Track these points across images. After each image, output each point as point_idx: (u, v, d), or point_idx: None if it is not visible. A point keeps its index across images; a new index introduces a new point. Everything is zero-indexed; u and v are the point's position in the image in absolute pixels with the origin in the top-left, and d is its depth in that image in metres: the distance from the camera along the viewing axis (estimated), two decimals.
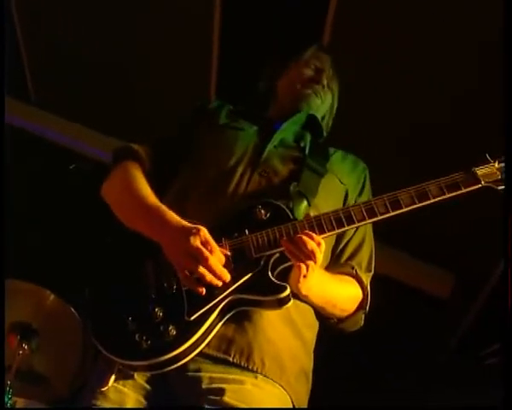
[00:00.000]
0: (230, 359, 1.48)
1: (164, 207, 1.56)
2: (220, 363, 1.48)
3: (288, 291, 1.43)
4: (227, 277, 1.42)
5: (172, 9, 3.40)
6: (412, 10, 2.84)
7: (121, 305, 1.48)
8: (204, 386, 1.44)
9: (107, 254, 1.64)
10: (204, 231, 1.43)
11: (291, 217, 1.54)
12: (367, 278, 1.77)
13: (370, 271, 1.82)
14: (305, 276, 1.44)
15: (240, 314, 1.50)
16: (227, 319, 1.47)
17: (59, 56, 4.00)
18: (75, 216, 3.76)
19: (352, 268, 1.76)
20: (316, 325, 1.73)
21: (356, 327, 1.78)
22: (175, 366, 1.40)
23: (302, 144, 1.86)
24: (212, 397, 1.42)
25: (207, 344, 1.44)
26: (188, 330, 1.40)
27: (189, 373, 1.46)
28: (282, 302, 1.44)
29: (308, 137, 1.89)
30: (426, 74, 3.03)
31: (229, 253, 1.46)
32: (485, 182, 1.55)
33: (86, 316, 1.56)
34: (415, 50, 2.97)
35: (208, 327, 1.42)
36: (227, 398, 1.41)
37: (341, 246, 1.77)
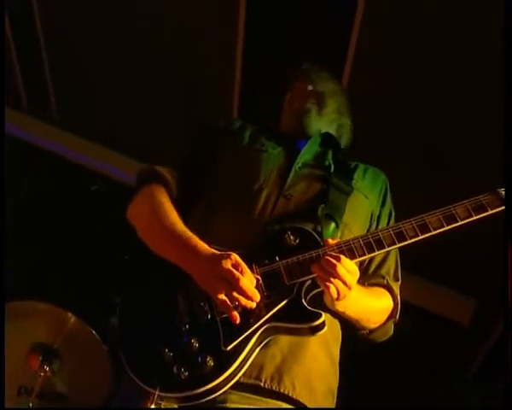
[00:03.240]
0: (262, 384, 1.49)
1: (195, 237, 1.56)
2: (250, 390, 1.49)
3: (322, 319, 1.44)
4: (258, 298, 1.42)
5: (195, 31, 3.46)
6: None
7: (155, 336, 1.47)
8: None
9: (133, 283, 1.63)
10: (234, 255, 1.44)
11: (320, 242, 1.54)
12: (397, 288, 1.78)
13: (398, 279, 1.82)
14: (337, 299, 1.45)
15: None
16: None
17: (82, 77, 4.06)
18: (99, 238, 3.77)
19: (383, 278, 1.76)
20: (340, 337, 1.74)
21: (386, 337, 1.80)
22: (212, 396, 1.40)
23: (326, 163, 1.87)
24: None
25: None
26: (225, 360, 1.40)
27: (216, 405, 1.46)
28: (316, 330, 1.45)
29: (330, 155, 1.90)
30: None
31: (260, 279, 1.47)
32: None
33: (116, 346, 1.54)
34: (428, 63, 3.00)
35: (245, 356, 1.42)
36: None
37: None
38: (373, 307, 1.68)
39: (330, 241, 1.52)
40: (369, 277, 1.74)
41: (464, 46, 2.82)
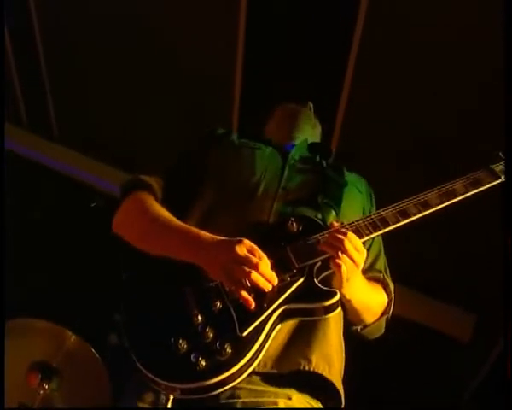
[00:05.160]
0: (276, 371, 1.48)
1: (194, 228, 1.55)
2: (263, 380, 1.47)
3: (337, 297, 1.43)
4: (275, 280, 1.41)
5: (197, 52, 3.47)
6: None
7: (168, 333, 1.40)
8: None
9: (137, 288, 1.57)
10: (247, 241, 1.43)
11: (324, 227, 1.56)
12: (392, 284, 1.80)
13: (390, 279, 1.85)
14: (348, 279, 1.45)
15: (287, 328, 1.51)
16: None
17: (83, 94, 4.07)
18: (97, 254, 3.75)
19: (380, 272, 1.79)
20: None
21: (379, 333, 1.81)
22: (230, 386, 1.36)
23: (318, 160, 1.93)
24: None
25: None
26: (243, 346, 1.37)
27: (222, 401, 1.44)
28: (330, 309, 1.44)
29: (319, 157, 1.96)
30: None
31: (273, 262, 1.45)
32: (505, 177, 1.66)
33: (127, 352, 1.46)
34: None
35: (262, 342, 1.39)
36: None
37: None
38: (373, 299, 1.70)
39: (335, 223, 1.54)
40: (365, 272, 1.72)
41: (466, 46, 2.86)
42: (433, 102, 3.07)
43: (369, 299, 1.68)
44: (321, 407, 1.54)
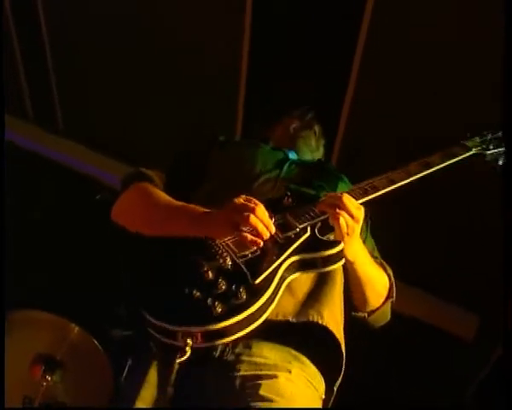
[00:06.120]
0: (289, 319, 1.54)
1: (197, 206, 1.61)
2: (274, 334, 1.53)
3: (340, 247, 1.51)
4: (273, 228, 1.47)
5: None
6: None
7: (181, 286, 1.41)
8: (238, 384, 1.49)
9: (146, 256, 1.58)
10: (244, 195, 1.50)
11: (317, 199, 1.65)
12: (390, 270, 1.88)
13: None
14: (348, 234, 1.52)
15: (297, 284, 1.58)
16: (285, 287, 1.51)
17: (87, 88, 4.09)
18: (98, 251, 3.76)
19: (376, 258, 1.87)
20: None
21: (385, 320, 1.89)
22: (246, 331, 1.37)
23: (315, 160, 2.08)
24: (248, 391, 1.48)
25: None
26: (256, 291, 1.41)
27: (221, 372, 1.50)
28: (331, 259, 1.52)
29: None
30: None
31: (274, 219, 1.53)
32: (476, 150, 1.96)
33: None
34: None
35: (274, 290, 1.43)
36: (262, 391, 1.46)
37: None
38: (376, 275, 1.77)
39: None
40: None
41: (466, 46, 2.87)
42: (433, 102, 3.06)
43: (372, 273, 1.75)
44: (320, 381, 1.62)
